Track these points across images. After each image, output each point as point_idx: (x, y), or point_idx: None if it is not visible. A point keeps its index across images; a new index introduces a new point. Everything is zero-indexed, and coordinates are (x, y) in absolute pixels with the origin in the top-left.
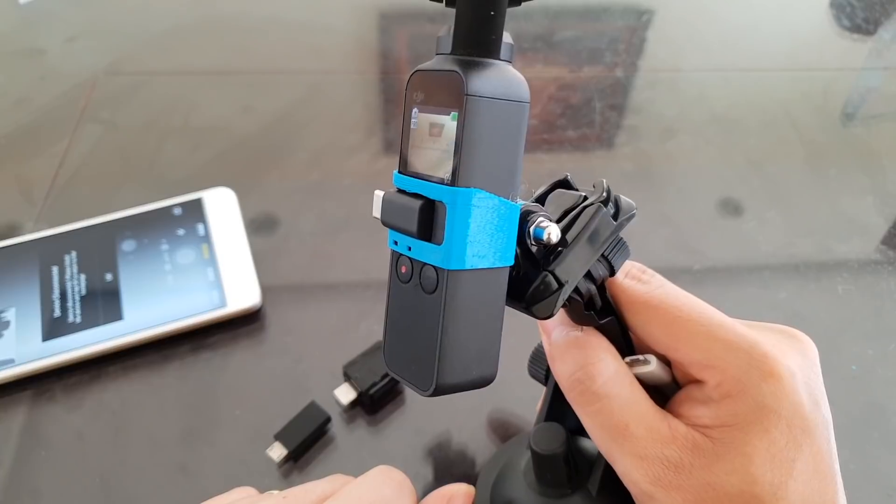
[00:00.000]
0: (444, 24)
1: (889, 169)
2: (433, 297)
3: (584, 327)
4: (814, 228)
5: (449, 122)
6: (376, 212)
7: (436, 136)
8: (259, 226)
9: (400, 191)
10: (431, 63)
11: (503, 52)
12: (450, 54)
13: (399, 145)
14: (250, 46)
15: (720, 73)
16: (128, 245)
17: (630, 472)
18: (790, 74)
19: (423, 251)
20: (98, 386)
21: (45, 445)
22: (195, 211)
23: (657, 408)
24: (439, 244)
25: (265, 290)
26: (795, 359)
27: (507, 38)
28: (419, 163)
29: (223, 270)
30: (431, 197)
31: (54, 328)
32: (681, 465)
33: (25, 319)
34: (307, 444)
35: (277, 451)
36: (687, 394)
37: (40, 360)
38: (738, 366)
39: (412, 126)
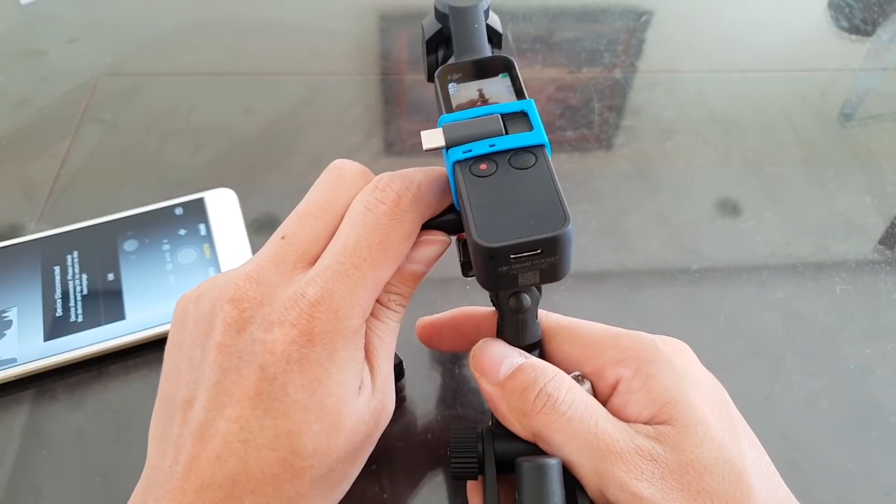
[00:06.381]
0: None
1: (887, 169)
2: (535, 168)
3: (523, 352)
4: (812, 228)
5: (499, 79)
6: (434, 143)
7: (483, 87)
8: (260, 226)
9: (450, 124)
10: (456, 61)
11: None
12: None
13: (438, 109)
14: (251, 48)
15: (718, 74)
16: (129, 245)
17: (613, 474)
18: (788, 75)
19: (514, 140)
20: (100, 385)
21: (47, 444)
22: (197, 211)
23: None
24: (531, 131)
25: None
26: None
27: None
28: (467, 105)
29: (224, 270)
30: (513, 110)
31: (56, 328)
32: (655, 454)
33: (27, 319)
34: None
35: None
36: (616, 403)
37: (42, 360)
38: (647, 351)
39: (451, 93)
